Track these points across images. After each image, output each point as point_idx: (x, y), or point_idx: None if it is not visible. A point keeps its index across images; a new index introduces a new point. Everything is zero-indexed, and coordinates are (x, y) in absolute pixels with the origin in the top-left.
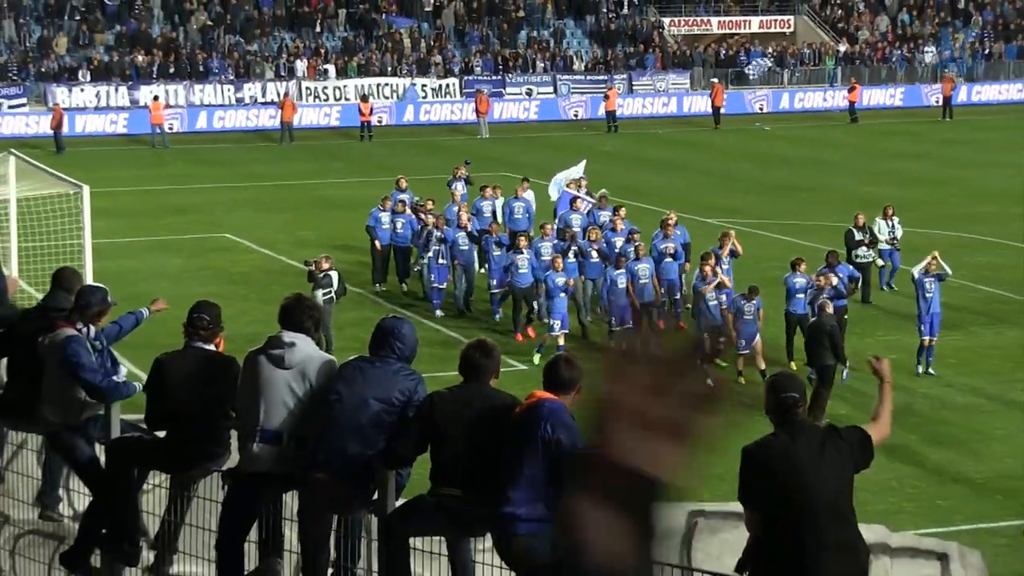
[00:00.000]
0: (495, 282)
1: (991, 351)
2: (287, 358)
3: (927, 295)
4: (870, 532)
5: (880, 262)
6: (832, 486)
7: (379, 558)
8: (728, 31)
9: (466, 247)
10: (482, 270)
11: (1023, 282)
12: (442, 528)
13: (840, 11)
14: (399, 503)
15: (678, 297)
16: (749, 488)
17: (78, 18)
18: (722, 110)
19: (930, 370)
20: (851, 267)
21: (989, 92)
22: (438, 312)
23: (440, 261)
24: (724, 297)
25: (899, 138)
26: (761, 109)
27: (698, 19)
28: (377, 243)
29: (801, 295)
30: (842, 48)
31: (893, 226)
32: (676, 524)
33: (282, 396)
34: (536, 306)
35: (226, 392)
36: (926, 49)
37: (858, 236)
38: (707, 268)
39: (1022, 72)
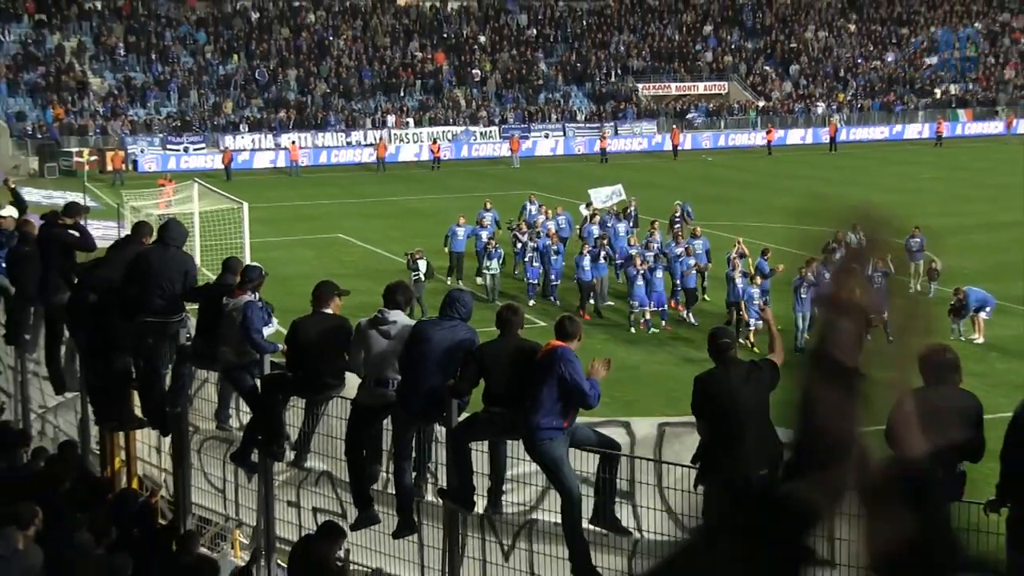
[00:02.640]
0: (552, 276)
1: None
2: (391, 331)
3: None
4: (783, 433)
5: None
6: (754, 402)
7: (447, 455)
8: (682, 92)
9: (558, 255)
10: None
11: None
12: (490, 435)
13: (759, 78)
14: (460, 418)
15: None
16: (699, 405)
17: (239, 88)
18: (679, 147)
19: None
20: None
21: (860, 133)
22: (531, 302)
23: (534, 264)
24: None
25: (800, 165)
26: (705, 146)
27: (662, 84)
28: (446, 249)
29: (768, 279)
30: (761, 103)
31: None
32: (650, 433)
33: (385, 356)
34: (592, 295)
35: (340, 343)
36: (818, 104)
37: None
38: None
39: (883, 120)
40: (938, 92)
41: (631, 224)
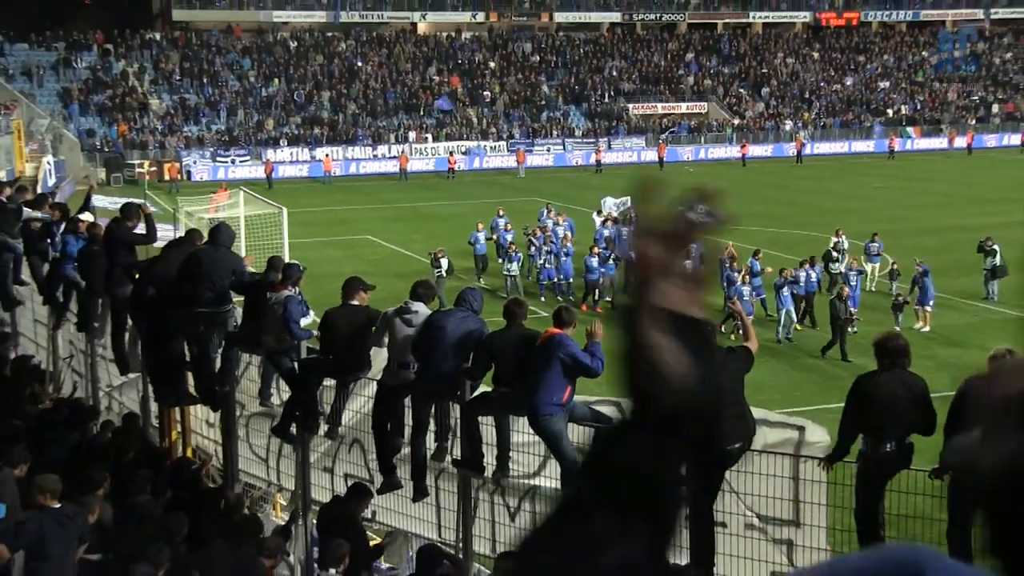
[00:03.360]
0: (562, 276)
1: None
2: (414, 320)
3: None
4: (755, 411)
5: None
6: (730, 382)
7: (460, 428)
8: (667, 112)
9: (567, 256)
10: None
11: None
12: (497, 411)
13: (734, 99)
14: (473, 396)
15: None
16: None
17: (279, 108)
18: (664, 159)
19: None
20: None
21: (823, 148)
22: (542, 298)
23: (547, 266)
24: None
25: (771, 175)
26: (688, 159)
27: (649, 104)
28: (472, 252)
29: (759, 276)
30: (736, 121)
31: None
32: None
33: (408, 342)
34: (596, 292)
35: (368, 331)
36: (786, 122)
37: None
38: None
39: (843, 136)
40: (890, 112)
41: None
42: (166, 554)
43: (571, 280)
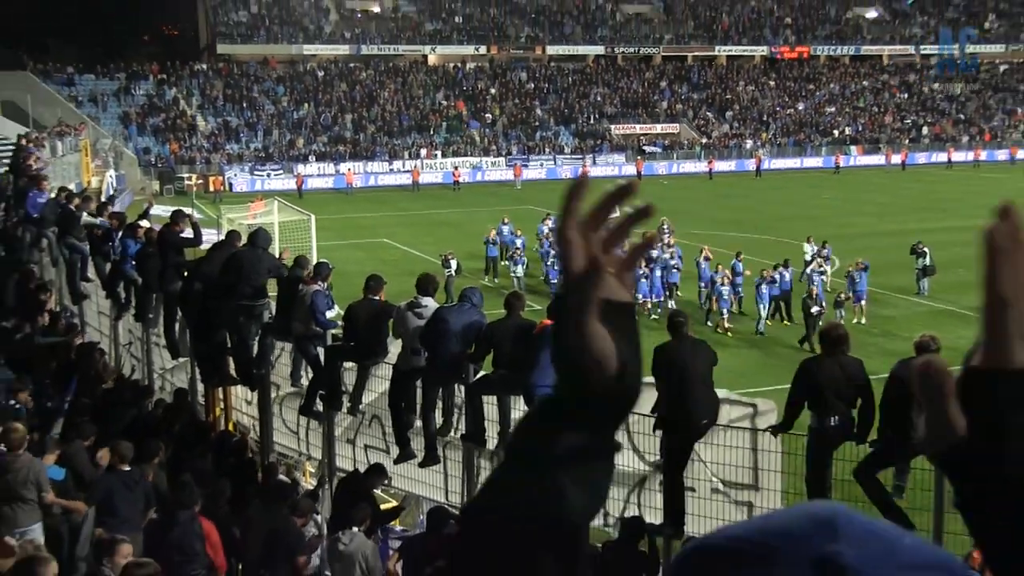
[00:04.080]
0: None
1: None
2: (423, 313)
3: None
4: (718, 391)
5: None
6: (701, 368)
7: (466, 407)
8: (644, 132)
9: None
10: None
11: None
12: (497, 391)
13: (703, 121)
14: (476, 378)
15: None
16: (656, 368)
17: (308, 129)
18: (641, 173)
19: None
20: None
21: (778, 163)
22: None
23: (556, 268)
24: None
25: (734, 187)
26: (661, 172)
27: (629, 125)
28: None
29: (740, 276)
30: (704, 140)
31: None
32: None
33: (418, 332)
34: None
35: (385, 322)
36: (747, 141)
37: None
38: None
39: (795, 153)
40: (836, 133)
41: None
42: (198, 494)
43: None
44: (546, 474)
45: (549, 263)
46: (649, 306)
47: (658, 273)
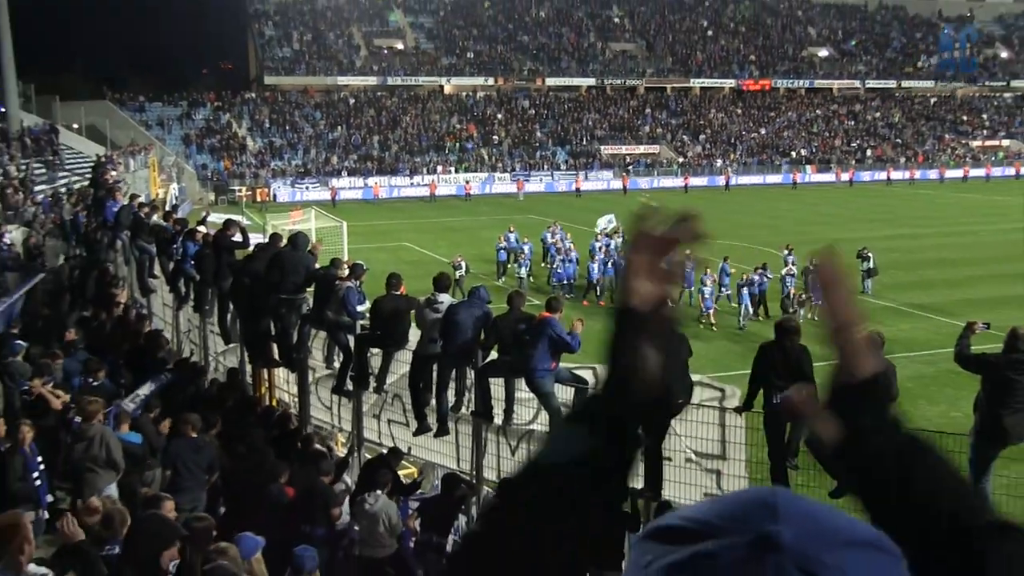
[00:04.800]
0: (567, 279)
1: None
2: (440, 308)
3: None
4: (694, 376)
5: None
6: (678, 358)
7: (475, 389)
8: (630, 152)
9: (570, 263)
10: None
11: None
12: (504, 374)
13: (679, 143)
14: (484, 363)
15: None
16: None
17: (340, 148)
18: (627, 188)
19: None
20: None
21: (744, 180)
22: (568, 295)
23: (559, 269)
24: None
25: (706, 201)
26: (644, 187)
27: (616, 146)
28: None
29: (728, 276)
30: (680, 160)
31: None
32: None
33: (435, 323)
34: (598, 290)
35: (406, 314)
36: (717, 160)
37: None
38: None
39: (759, 171)
40: (793, 154)
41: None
42: (285, 465)
43: (573, 280)
44: (581, 461)
45: (555, 265)
46: None
47: None
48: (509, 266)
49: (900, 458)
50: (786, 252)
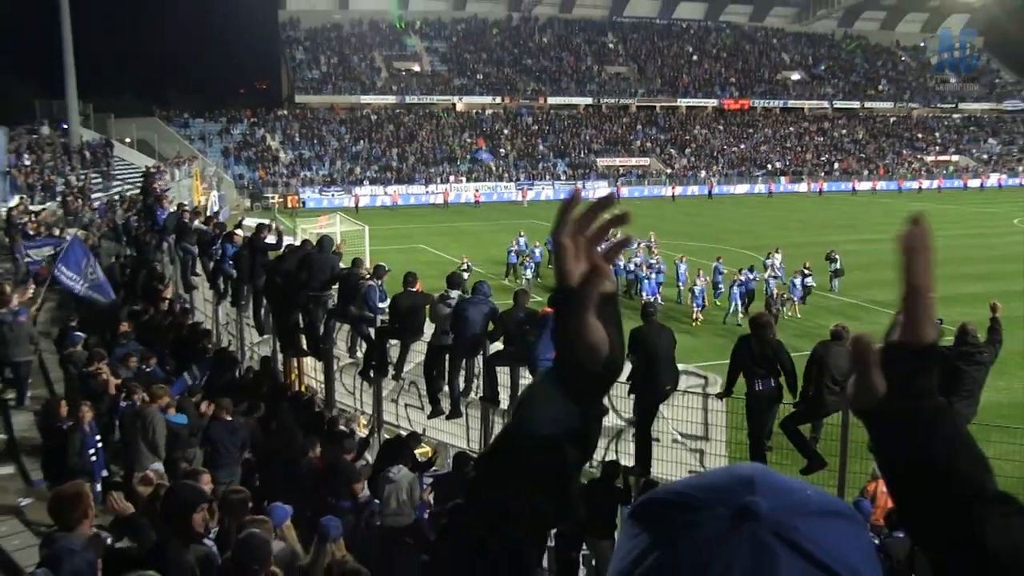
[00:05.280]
0: None
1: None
2: (451, 303)
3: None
4: (680, 365)
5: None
6: (665, 349)
7: (483, 376)
8: (623, 163)
9: None
10: None
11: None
12: (509, 362)
13: (667, 156)
14: (492, 353)
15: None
16: (631, 346)
17: (363, 160)
18: (620, 196)
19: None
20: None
21: (726, 189)
22: None
23: None
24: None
25: (692, 207)
26: (636, 196)
27: (610, 159)
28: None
29: (721, 275)
30: (668, 171)
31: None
32: None
33: (447, 317)
34: None
35: (422, 309)
36: (701, 171)
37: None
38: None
39: (739, 182)
40: (769, 166)
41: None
42: (315, 440)
43: None
44: (546, 431)
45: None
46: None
47: (654, 276)
48: (518, 267)
49: (936, 421)
50: (774, 255)
